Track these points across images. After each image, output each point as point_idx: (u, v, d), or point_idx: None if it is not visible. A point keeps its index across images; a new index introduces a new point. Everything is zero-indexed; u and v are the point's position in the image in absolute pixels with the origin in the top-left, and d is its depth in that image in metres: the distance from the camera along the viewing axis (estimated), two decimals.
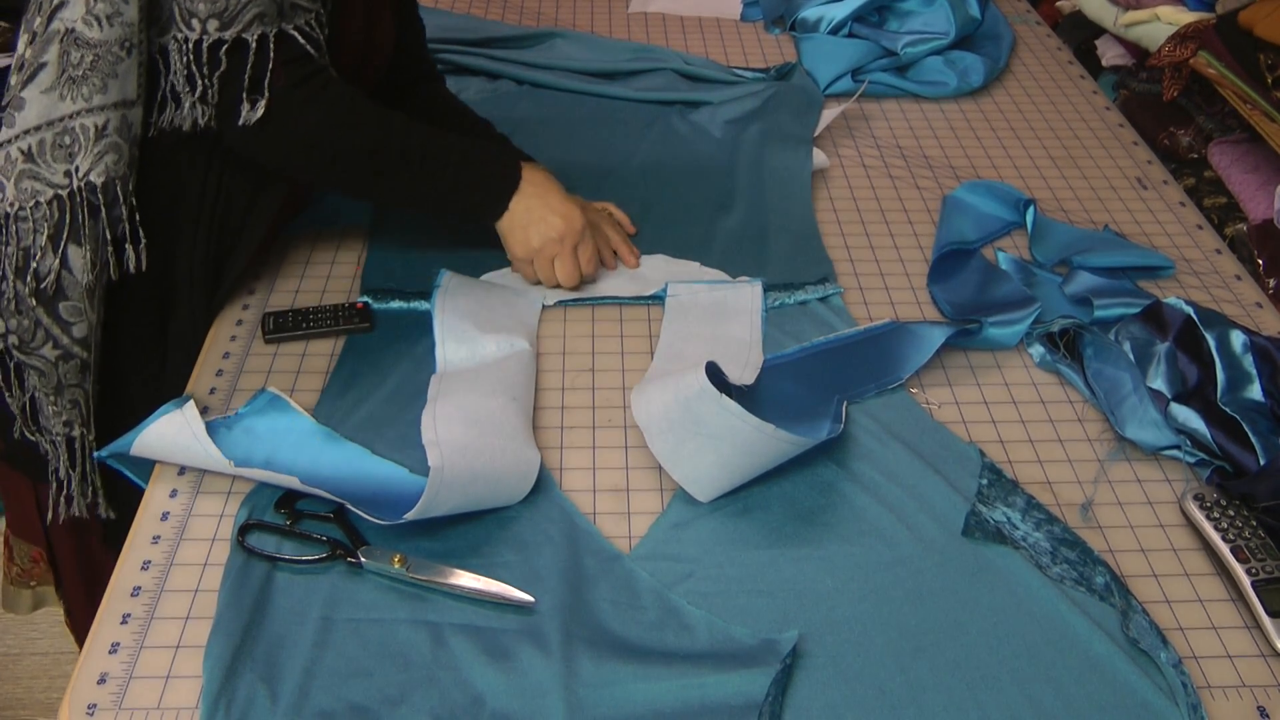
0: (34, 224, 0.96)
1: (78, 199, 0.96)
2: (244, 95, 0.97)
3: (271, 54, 0.96)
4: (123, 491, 1.03)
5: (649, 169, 1.36)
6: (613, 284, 1.16)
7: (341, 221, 1.24)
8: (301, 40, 0.97)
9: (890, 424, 1.00)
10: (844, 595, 0.85)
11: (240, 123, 0.98)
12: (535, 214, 1.09)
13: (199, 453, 0.91)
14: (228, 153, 1.04)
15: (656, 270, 1.18)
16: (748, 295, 1.14)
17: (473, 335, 1.06)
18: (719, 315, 1.11)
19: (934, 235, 1.26)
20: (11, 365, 1.02)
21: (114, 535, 1.10)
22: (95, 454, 0.98)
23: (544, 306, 1.13)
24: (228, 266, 1.11)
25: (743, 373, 1.03)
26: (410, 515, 0.85)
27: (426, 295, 1.13)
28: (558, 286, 1.14)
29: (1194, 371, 1.01)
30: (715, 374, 0.92)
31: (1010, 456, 0.98)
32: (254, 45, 0.95)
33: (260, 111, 0.97)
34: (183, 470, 0.94)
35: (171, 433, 0.92)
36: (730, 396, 0.90)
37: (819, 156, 1.37)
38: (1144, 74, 1.63)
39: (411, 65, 1.27)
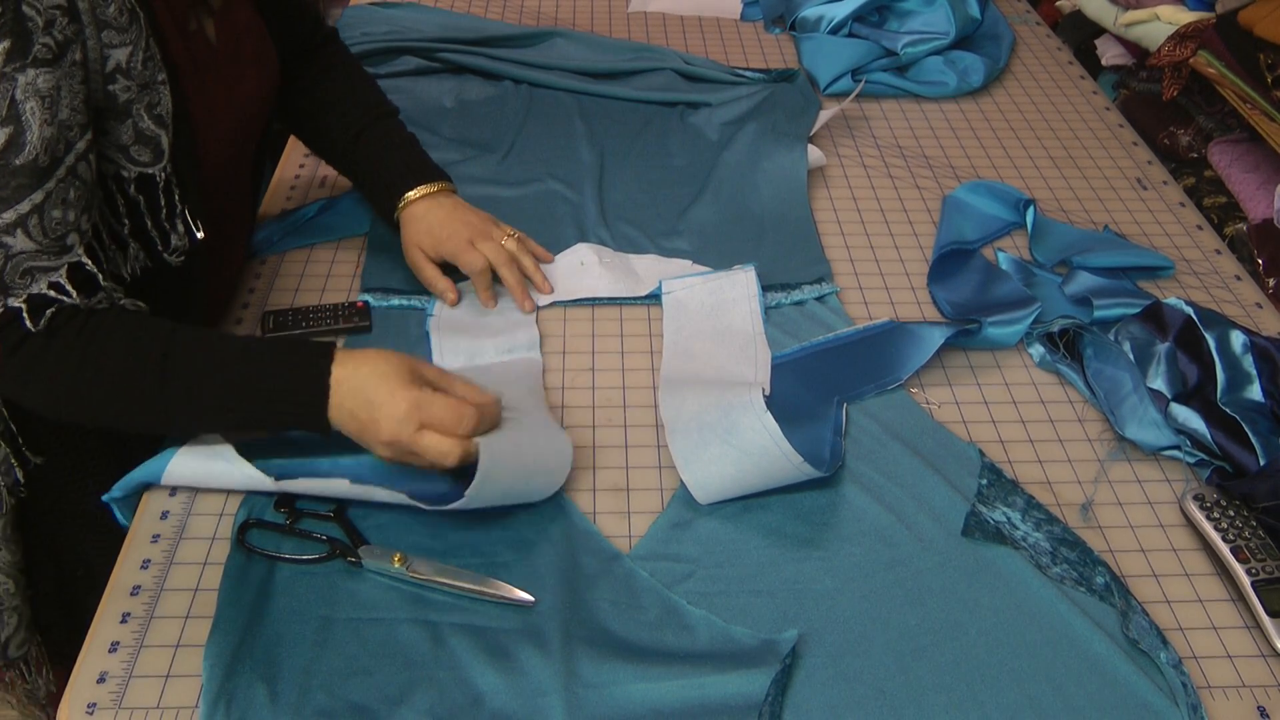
0: None
1: None
2: None
3: None
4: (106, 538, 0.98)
5: (645, 169, 1.36)
6: (606, 285, 1.16)
7: (340, 234, 1.23)
8: (25, 317, 0.82)
9: (890, 424, 1.00)
10: (844, 595, 0.85)
11: None
12: (367, 425, 0.86)
13: (236, 476, 0.89)
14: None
15: (649, 269, 1.18)
16: (742, 282, 1.14)
17: (469, 347, 1.06)
18: (718, 308, 1.11)
19: (934, 235, 1.26)
20: None
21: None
22: (104, 496, 0.90)
23: (539, 307, 1.13)
24: None
25: (756, 372, 1.03)
26: (464, 501, 0.84)
27: (426, 291, 1.13)
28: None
29: (1194, 371, 1.01)
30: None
31: (1010, 456, 0.98)
32: None
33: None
34: None
35: (201, 458, 0.90)
36: None
37: (815, 154, 1.36)
38: (1144, 74, 1.63)
39: (306, 35, 1.19)
